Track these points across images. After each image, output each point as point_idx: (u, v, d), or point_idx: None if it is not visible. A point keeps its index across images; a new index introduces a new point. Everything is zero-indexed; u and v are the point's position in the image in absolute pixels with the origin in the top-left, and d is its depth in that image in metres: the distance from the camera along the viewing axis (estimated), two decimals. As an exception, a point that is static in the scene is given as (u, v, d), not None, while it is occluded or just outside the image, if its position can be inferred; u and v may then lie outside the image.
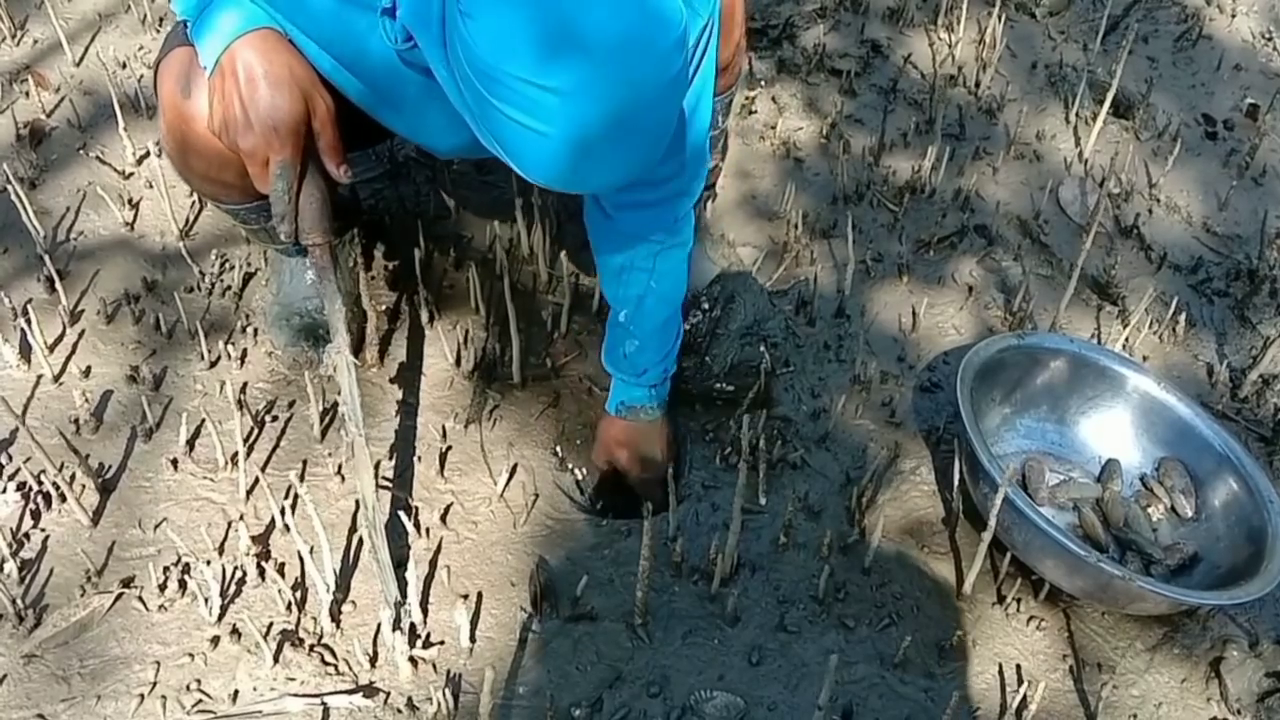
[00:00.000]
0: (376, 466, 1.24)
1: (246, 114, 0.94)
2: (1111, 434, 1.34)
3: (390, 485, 1.22)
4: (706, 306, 1.35)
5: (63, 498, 1.15)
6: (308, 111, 0.96)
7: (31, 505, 1.16)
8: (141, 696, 1.02)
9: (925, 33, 1.97)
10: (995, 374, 1.29)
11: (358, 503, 1.16)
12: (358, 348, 1.34)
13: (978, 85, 1.86)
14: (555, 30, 0.71)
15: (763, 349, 1.33)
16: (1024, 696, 1.08)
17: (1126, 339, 1.47)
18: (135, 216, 1.49)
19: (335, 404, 1.29)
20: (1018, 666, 1.14)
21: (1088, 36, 2.01)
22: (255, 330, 1.36)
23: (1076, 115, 1.83)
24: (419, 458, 1.25)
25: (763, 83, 1.83)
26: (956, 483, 1.22)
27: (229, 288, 1.41)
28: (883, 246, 1.59)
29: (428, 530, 1.19)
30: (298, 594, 1.11)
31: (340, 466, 1.23)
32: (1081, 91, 1.85)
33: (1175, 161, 1.75)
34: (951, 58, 1.91)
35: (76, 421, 1.24)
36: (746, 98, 1.79)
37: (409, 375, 1.34)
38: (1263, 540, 1.17)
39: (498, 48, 0.72)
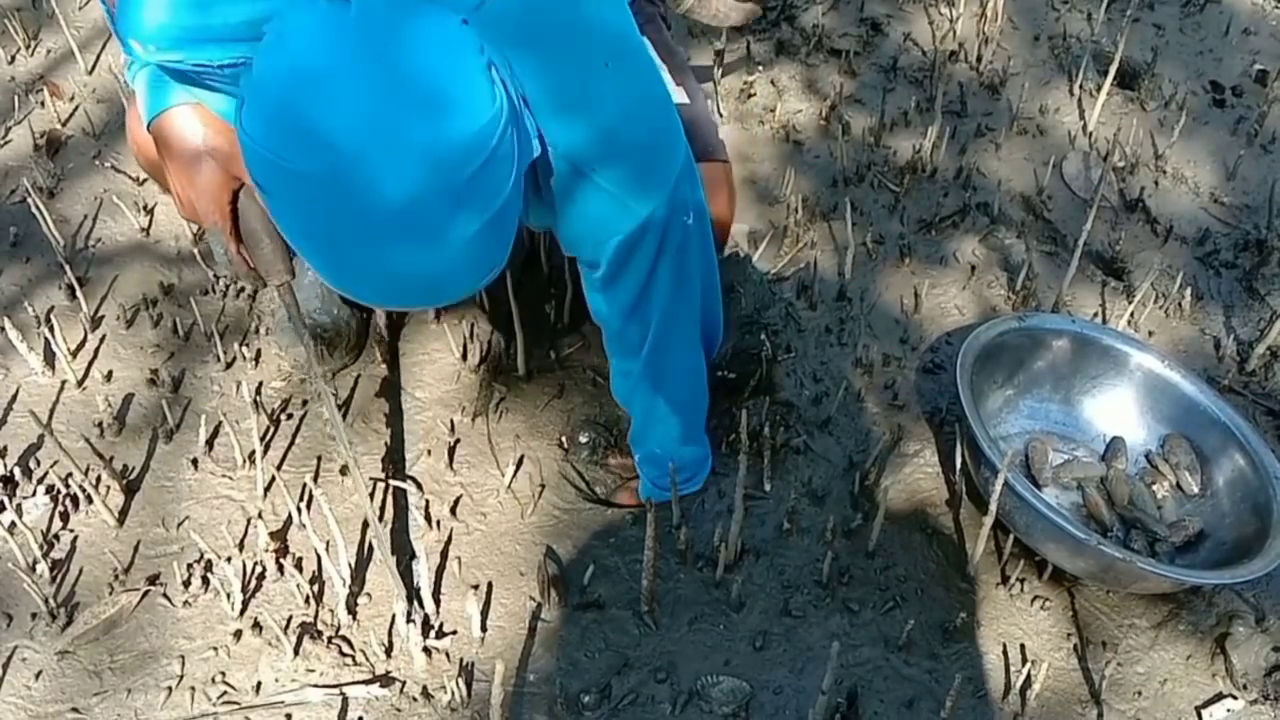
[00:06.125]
0: (388, 461, 1.28)
1: (176, 190, 0.97)
2: (1116, 412, 1.34)
3: (401, 479, 1.25)
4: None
5: (89, 500, 1.20)
6: (231, 175, 0.96)
7: (60, 508, 1.20)
8: (170, 689, 1.07)
9: (925, 9, 1.95)
10: (997, 356, 1.30)
11: (371, 497, 1.19)
12: (363, 344, 1.38)
13: (979, 60, 1.84)
14: (305, 115, 0.69)
15: (763, 335, 1.34)
16: (1028, 676, 1.09)
17: (1132, 314, 1.46)
18: (150, 222, 1.53)
19: (349, 400, 1.33)
20: (1022, 646, 1.15)
21: (1092, 5, 1.98)
22: (268, 331, 1.39)
23: (1081, 87, 1.81)
24: (428, 451, 1.29)
25: (761, 66, 1.82)
26: (959, 465, 1.23)
27: (242, 290, 1.44)
28: (884, 228, 1.59)
29: (438, 522, 1.22)
30: (315, 588, 1.15)
31: (355, 461, 1.26)
32: (1086, 63, 1.83)
33: (1182, 131, 1.73)
34: (953, 33, 1.89)
35: (100, 425, 1.28)
36: (745, 81, 1.79)
37: (417, 371, 1.37)
38: (1268, 516, 1.17)
39: (256, 124, 0.72)
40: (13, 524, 1.17)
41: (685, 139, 0.98)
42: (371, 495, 1.22)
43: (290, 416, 1.32)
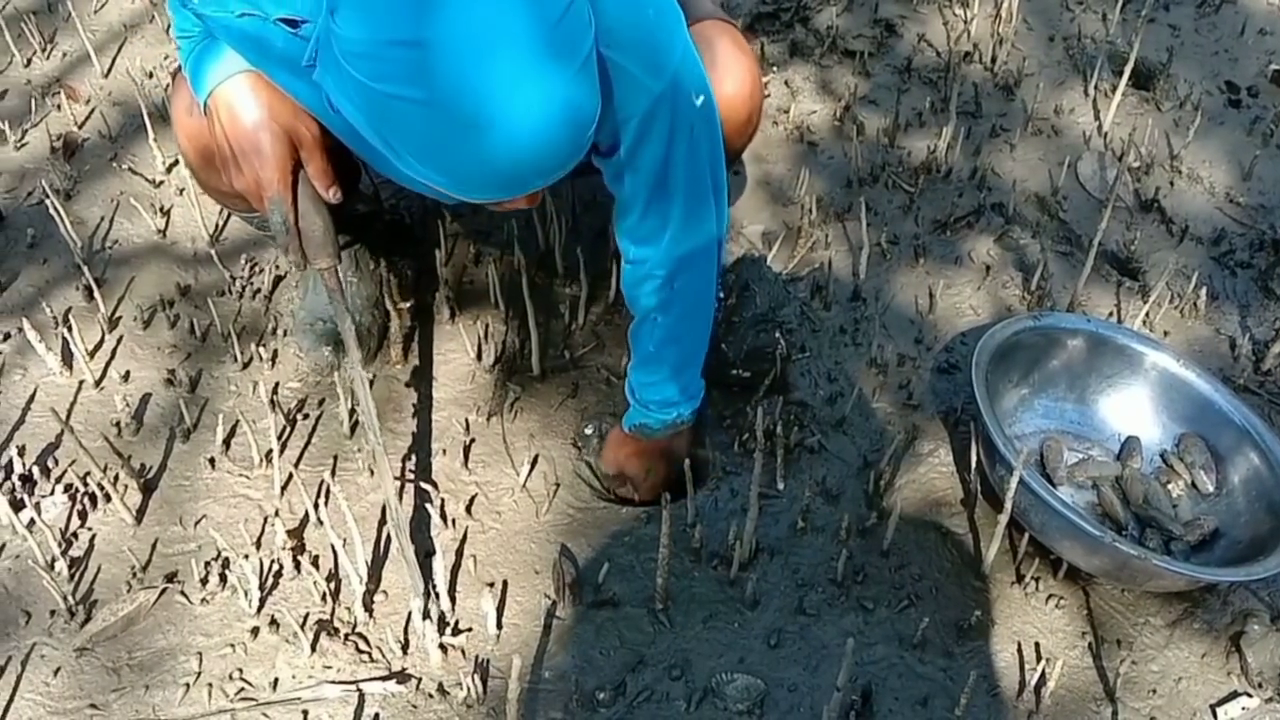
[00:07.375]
0: (404, 460, 1.28)
1: (234, 156, 0.97)
2: (1131, 411, 1.34)
3: (417, 478, 1.26)
4: (721, 294, 1.37)
5: (107, 498, 1.21)
6: (292, 144, 0.98)
7: (79, 506, 1.21)
8: (187, 686, 1.08)
9: (939, 10, 1.95)
10: (1012, 355, 1.29)
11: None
12: (379, 346, 1.38)
13: (994, 61, 1.84)
14: None
15: (778, 335, 1.35)
16: (1043, 674, 1.09)
17: (1147, 314, 1.46)
18: (167, 224, 1.54)
19: (363, 401, 1.34)
20: (1036, 644, 1.15)
21: (1107, 6, 1.98)
22: (285, 331, 1.40)
23: (1095, 88, 1.81)
24: (444, 450, 1.29)
25: (775, 67, 1.83)
26: (974, 464, 1.23)
27: (259, 291, 1.46)
28: (898, 228, 1.59)
29: (454, 521, 1.22)
30: (332, 585, 1.15)
31: (369, 460, 1.27)
32: (1100, 63, 1.83)
33: (1197, 132, 1.73)
34: (967, 34, 1.89)
35: (118, 424, 1.29)
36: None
37: (432, 371, 1.38)
38: (1284, 515, 1.16)
39: (365, 21, 0.72)
40: (31, 522, 1.18)
41: (682, 19, 0.99)
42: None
43: (306, 416, 1.32)
